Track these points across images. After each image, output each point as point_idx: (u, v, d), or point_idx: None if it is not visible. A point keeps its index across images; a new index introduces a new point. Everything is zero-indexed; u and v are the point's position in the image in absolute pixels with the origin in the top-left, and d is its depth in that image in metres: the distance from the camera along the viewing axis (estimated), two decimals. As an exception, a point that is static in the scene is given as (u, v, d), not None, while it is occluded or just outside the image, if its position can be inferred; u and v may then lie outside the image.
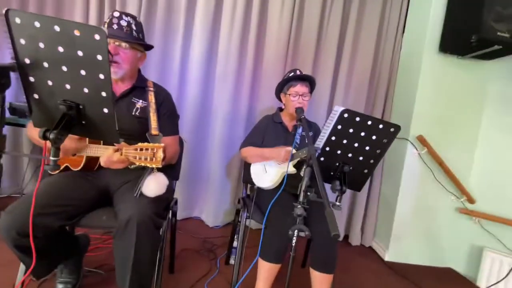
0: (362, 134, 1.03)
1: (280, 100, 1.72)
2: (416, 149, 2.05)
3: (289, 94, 1.58)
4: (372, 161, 1.09)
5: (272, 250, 1.26)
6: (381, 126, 1.01)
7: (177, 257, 1.72)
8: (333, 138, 1.04)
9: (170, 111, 1.36)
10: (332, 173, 1.11)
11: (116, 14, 1.23)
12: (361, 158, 1.08)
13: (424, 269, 2.10)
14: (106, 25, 1.22)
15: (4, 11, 0.66)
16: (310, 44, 2.23)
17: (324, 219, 1.31)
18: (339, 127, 1.01)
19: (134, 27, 1.26)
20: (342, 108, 0.97)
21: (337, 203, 1.06)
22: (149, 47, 1.36)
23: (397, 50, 2.29)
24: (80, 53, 0.70)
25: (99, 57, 0.70)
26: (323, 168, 1.09)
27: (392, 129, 1.02)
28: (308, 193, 0.98)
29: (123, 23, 1.22)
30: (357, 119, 0.99)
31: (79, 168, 1.18)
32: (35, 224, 0.91)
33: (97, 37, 0.68)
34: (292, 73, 1.63)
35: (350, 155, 1.07)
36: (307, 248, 1.80)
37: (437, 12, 1.99)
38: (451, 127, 2.05)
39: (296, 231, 0.96)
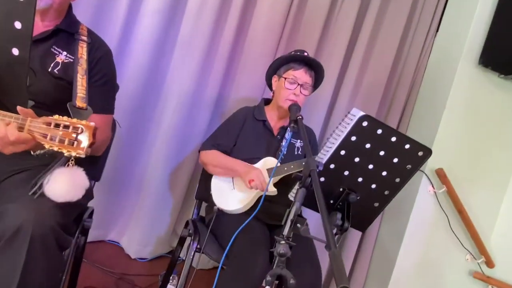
0: (381, 153, 1.05)
1: (269, 85, 1.72)
2: (433, 186, 2.18)
3: (285, 78, 1.60)
4: (387, 192, 1.13)
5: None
6: (407, 146, 1.05)
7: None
8: (343, 152, 1.05)
9: (107, 77, 1.31)
10: (332, 202, 1.12)
11: None
12: (373, 186, 1.11)
13: None
14: None
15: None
16: (316, 23, 2.29)
17: (306, 262, 1.34)
18: (353, 138, 1.03)
19: None
20: (362, 113, 0.99)
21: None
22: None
23: (426, 53, 2.45)
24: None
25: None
26: (322, 192, 1.09)
27: (420, 153, 1.06)
28: (298, 225, 0.97)
29: None
30: (379, 131, 1.02)
31: None
32: None
33: None
34: (298, 53, 1.65)
35: (360, 179, 1.10)
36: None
37: (482, 17, 2.16)
38: (481, 164, 2.22)
39: (273, 277, 0.94)
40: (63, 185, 0.97)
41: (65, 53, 1.22)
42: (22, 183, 1.06)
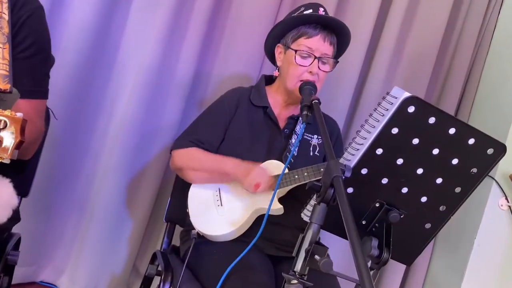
0: (435, 152, 1.04)
1: (271, 58, 1.72)
2: (506, 199, 2.19)
3: (296, 51, 1.59)
4: (443, 208, 1.12)
5: None
6: (472, 141, 1.04)
7: None
8: (379, 151, 1.04)
9: (36, 46, 1.33)
10: (364, 222, 1.12)
11: None
12: (424, 199, 1.10)
13: None
14: None
15: None
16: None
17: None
18: (395, 130, 1.01)
19: None
20: (407, 94, 0.98)
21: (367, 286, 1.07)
22: None
23: (494, 11, 2.48)
24: None
25: None
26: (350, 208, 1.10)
27: (490, 151, 1.06)
28: (317, 257, 0.97)
29: None
30: (432, 120, 1.01)
31: None
32: None
33: None
34: (311, 10, 1.65)
35: (405, 190, 1.09)
36: None
37: None
38: None
39: None
40: None
41: None
42: None
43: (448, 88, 2.48)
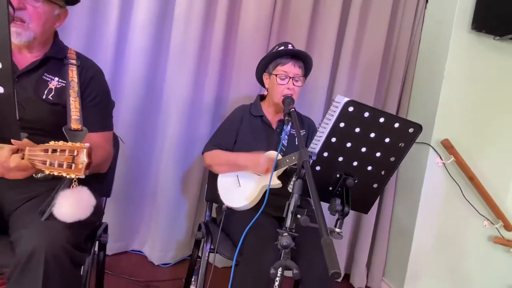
0: (372, 135, 1.05)
1: (261, 83, 1.74)
2: (440, 158, 2.15)
3: (276, 75, 1.60)
4: (383, 172, 1.12)
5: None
6: (397, 125, 1.04)
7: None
8: (333, 139, 1.05)
9: (100, 96, 1.33)
10: (331, 188, 1.13)
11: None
12: (369, 168, 1.11)
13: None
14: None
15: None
16: (304, 13, 2.27)
17: (316, 252, 1.35)
18: (342, 124, 1.03)
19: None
20: (346, 99, 0.99)
21: (337, 230, 1.08)
22: (72, 1, 1.32)
23: (418, 26, 2.41)
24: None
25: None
26: (319, 180, 1.09)
27: (411, 130, 1.05)
28: (299, 216, 0.98)
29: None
30: (366, 114, 1.02)
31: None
32: None
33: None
34: (282, 47, 1.65)
35: (355, 163, 1.10)
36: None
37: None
38: (487, 129, 2.18)
39: (280, 269, 0.96)
40: (69, 206, 0.99)
41: (56, 78, 1.25)
42: (32, 209, 1.09)
43: (392, 85, 2.43)
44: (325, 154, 1.07)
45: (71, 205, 0.99)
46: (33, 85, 1.21)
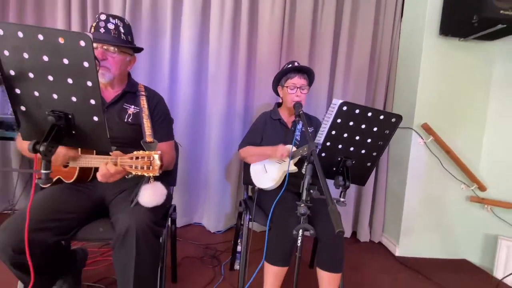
0: (363, 126, 1.04)
1: (277, 94, 1.73)
2: (422, 138, 2.07)
3: (287, 87, 1.60)
4: (375, 153, 1.10)
5: (277, 252, 1.27)
6: (382, 117, 1.02)
7: (179, 266, 1.75)
8: (333, 132, 1.05)
9: (163, 115, 1.37)
10: (334, 169, 1.12)
11: (103, 17, 1.23)
12: (363, 151, 1.09)
13: (438, 262, 2.12)
14: (93, 29, 1.23)
15: (-16, 23, 0.67)
16: (305, 35, 2.24)
17: (329, 217, 1.35)
18: (339, 120, 1.02)
19: (122, 30, 1.26)
20: (340, 101, 0.99)
21: (341, 199, 1.07)
22: (138, 50, 1.37)
23: (396, 36, 2.30)
24: (65, 61, 0.72)
25: (86, 64, 0.72)
26: (325, 164, 1.10)
27: (393, 119, 1.03)
28: (311, 191, 0.99)
29: (110, 26, 1.23)
30: (357, 111, 1.01)
31: (72, 180, 1.19)
32: (30, 240, 0.92)
33: (82, 43, 0.69)
34: (290, 65, 1.64)
35: (352, 149, 1.09)
36: (314, 248, 1.82)
37: (436, -6, 2.00)
38: (457, 113, 2.07)
39: (300, 230, 0.97)
40: (149, 196, 1.05)
41: (133, 106, 1.30)
42: (123, 199, 1.16)
43: (379, 84, 2.34)
44: (328, 143, 1.07)
45: (150, 195, 1.05)
46: (117, 112, 1.27)
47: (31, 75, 0.74)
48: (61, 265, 1.19)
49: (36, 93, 0.76)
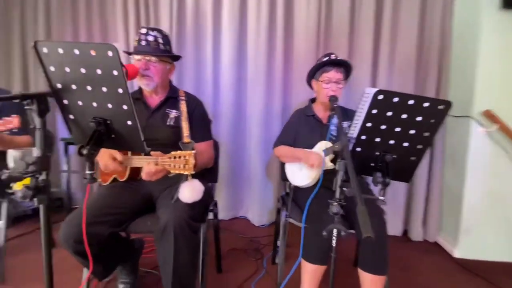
0: (404, 116, 0.87)
1: (311, 87, 1.59)
2: (483, 127, 1.71)
3: (321, 81, 1.45)
4: (420, 146, 0.92)
5: (314, 250, 1.17)
6: (426, 104, 0.84)
7: (225, 257, 1.75)
8: (369, 124, 0.90)
9: (201, 118, 1.38)
10: (373, 164, 0.97)
11: (143, 30, 1.28)
12: (405, 144, 0.92)
13: (504, 266, 1.75)
14: (136, 43, 1.29)
15: (33, 43, 0.72)
16: (343, 27, 2.05)
17: (370, 215, 1.19)
18: (374, 111, 0.88)
19: (160, 41, 1.29)
20: (375, 90, 0.84)
21: (380, 198, 0.93)
22: (177, 58, 1.39)
23: (448, 16, 1.95)
24: (99, 71, 0.73)
25: (115, 73, 0.72)
26: (362, 159, 0.96)
27: (440, 106, 0.85)
28: (344, 189, 0.87)
29: (150, 38, 1.27)
30: (395, 99, 0.85)
31: (125, 178, 1.25)
32: (88, 232, 0.98)
33: (110, 53, 0.70)
34: (327, 58, 1.49)
35: (392, 142, 0.93)
36: (358, 245, 1.65)
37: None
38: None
39: (334, 230, 0.86)
40: (187, 193, 1.06)
41: (174, 111, 1.33)
42: (167, 195, 1.19)
43: (429, 74, 1.99)
44: (363, 137, 0.93)
45: (189, 192, 1.06)
46: (160, 117, 1.31)
47: (74, 86, 0.78)
48: (118, 254, 1.27)
49: (80, 103, 0.80)
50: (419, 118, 0.87)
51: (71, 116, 0.84)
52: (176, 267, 1.01)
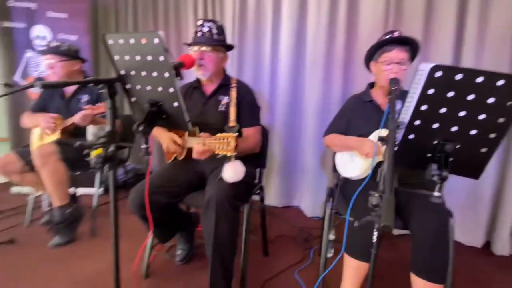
0: (470, 97, 0.71)
1: (369, 70, 1.44)
2: None
3: (381, 62, 1.29)
4: (493, 135, 0.74)
5: (357, 245, 1.09)
6: (500, 82, 0.67)
7: (273, 242, 1.79)
8: (424, 107, 0.77)
9: (250, 104, 1.43)
10: (429, 155, 0.83)
11: (199, 22, 1.39)
12: (473, 132, 0.76)
13: None
14: (194, 34, 1.40)
15: (102, 36, 0.87)
16: (417, 4, 1.77)
17: (426, 213, 1.04)
18: (431, 91, 0.74)
19: (214, 31, 1.38)
20: (431, 65, 0.71)
21: (435, 194, 0.79)
22: (230, 48, 1.46)
23: None
24: (149, 57, 0.83)
25: (161, 58, 0.81)
26: (416, 148, 0.83)
27: (525, 85, 0.66)
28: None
29: (205, 29, 1.37)
30: (459, 77, 0.70)
31: (182, 157, 1.41)
32: (149, 200, 1.15)
33: (156, 40, 0.79)
34: (388, 35, 1.31)
35: (454, 128, 0.77)
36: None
37: None
38: None
39: (361, 223, 0.79)
40: (229, 172, 1.13)
41: (226, 97, 1.41)
42: (214, 174, 1.27)
43: None
44: (417, 122, 0.80)
45: (230, 172, 1.12)
46: (214, 103, 1.41)
47: (132, 72, 0.90)
48: (176, 222, 1.44)
49: (138, 86, 0.93)
50: (491, 100, 0.70)
51: (133, 99, 0.98)
52: (216, 238, 1.09)
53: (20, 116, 1.81)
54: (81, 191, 1.94)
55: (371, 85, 1.45)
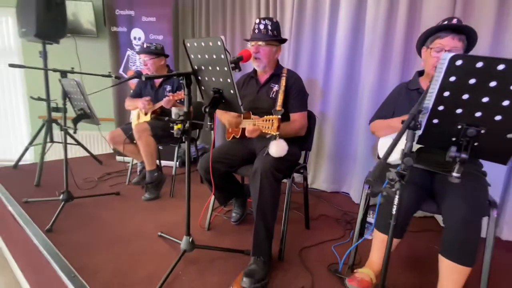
0: (493, 84, 0.74)
1: (420, 55, 1.41)
2: None
3: (431, 48, 1.26)
4: (520, 121, 0.76)
5: (386, 220, 1.16)
6: (523, 68, 0.69)
7: (315, 219, 1.96)
8: (446, 94, 0.82)
9: (298, 91, 1.59)
10: (454, 139, 0.88)
11: (257, 21, 1.60)
12: (498, 117, 0.78)
13: None
14: (252, 31, 1.63)
15: (182, 40, 1.18)
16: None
17: (457, 199, 1.06)
18: (452, 78, 0.79)
19: (269, 27, 1.58)
20: (451, 54, 0.77)
21: (454, 174, 0.84)
22: (283, 41, 1.64)
23: None
24: (214, 56, 1.10)
25: (222, 56, 1.07)
26: (439, 132, 0.89)
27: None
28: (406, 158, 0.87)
29: (261, 26, 1.58)
30: (479, 65, 0.74)
31: (238, 136, 1.69)
32: (212, 167, 1.47)
33: (219, 43, 1.04)
34: (445, 22, 1.28)
35: (478, 114, 0.81)
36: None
37: None
38: None
39: (396, 198, 0.89)
40: (274, 149, 1.34)
41: (276, 85, 1.60)
42: (263, 150, 1.45)
43: None
44: (440, 108, 0.86)
45: (275, 148, 1.34)
46: (266, 90, 1.63)
47: (202, 67, 1.19)
48: (232, 188, 1.74)
49: (206, 78, 1.22)
50: (515, 86, 0.72)
51: (203, 88, 1.28)
52: (260, 201, 1.33)
53: (122, 101, 2.38)
54: (163, 163, 2.45)
55: (420, 73, 1.44)
